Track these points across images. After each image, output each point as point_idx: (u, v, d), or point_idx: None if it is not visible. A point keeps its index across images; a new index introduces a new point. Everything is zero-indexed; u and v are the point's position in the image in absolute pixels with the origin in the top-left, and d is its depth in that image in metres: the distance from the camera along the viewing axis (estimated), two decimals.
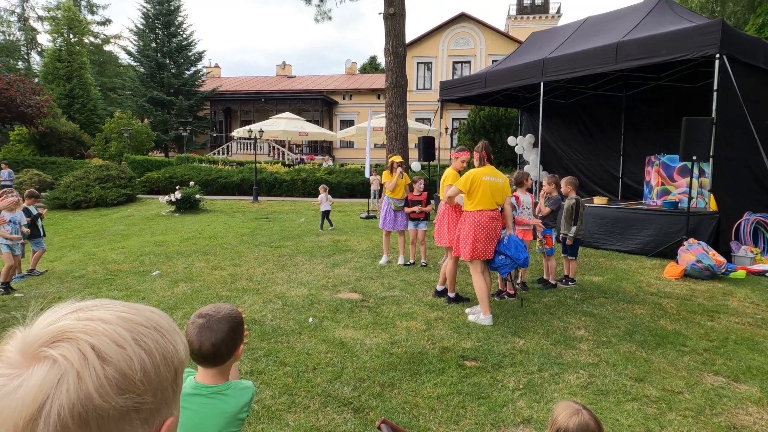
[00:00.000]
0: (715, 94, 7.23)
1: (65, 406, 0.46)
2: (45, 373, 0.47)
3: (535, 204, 6.29)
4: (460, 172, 5.23)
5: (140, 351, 0.52)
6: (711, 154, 7.13)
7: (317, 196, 11.73)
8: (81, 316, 0.52)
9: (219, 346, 1.42)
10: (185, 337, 0.93)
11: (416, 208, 6.99)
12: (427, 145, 11.67)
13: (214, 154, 28.17)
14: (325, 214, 10.88)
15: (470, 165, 5.15)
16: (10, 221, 6.17)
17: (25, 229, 6.47)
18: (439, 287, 5.48)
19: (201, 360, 1.46)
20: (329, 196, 11.10)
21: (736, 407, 3.08)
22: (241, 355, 1.54)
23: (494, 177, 4.71)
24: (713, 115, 7.15)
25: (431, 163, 12.16)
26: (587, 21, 10.94)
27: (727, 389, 3.32)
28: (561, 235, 6.09)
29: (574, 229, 5.95)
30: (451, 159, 5.41)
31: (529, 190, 6.04)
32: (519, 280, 5.81)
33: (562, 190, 6.12)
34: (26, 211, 6.79)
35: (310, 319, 4.65)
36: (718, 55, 7.08)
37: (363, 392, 3.22)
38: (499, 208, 4.80)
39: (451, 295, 5.23)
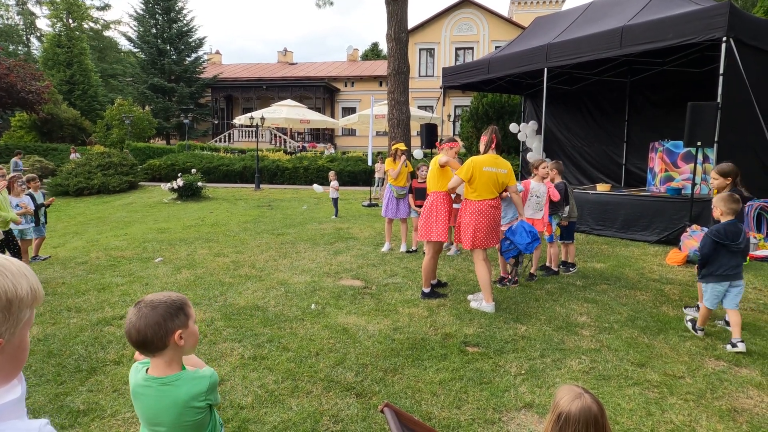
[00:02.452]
0: (721, 78, 7.14)
1: None
2: None
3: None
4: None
5: None
6: (716, 139, 7.07)
7: (324, 184, 11.71)
8: None
9: (144, 332, 1.43)
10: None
11: (421, 202, 6.98)
12: (430, 133, 11.62)
13: (216, 141, 28.10)
14: (336, 201, 10.91)
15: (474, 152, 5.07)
16: (16, 205, 6.22)
17: (29, 209, 6.47)
18: (433, 281, 5.41)
19: (136, 347, 1.48)
20: (337, 183, 11.12)
21: (737, 391, 3.09)
22: (186, 345, 1.49)
23: (495, 167, 4.60)
24: (719, 99, 7.07)
25: (433, 150, 12.10)
26: (592, 5, 10.78)
27: (729, 373, 3.33)
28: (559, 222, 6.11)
29: (567, 208, 5.96)
30: (441, 150, 5.06)
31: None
32: (530, 268, 5.75)
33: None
34: (30, 197, 6.82)
35: (313, 306, 4.67)
36: (725, 39, 6.98)
37: (365, 377, 3.24)
38: (501, 196, 4.76)
39: (426, 290, 5.00)
